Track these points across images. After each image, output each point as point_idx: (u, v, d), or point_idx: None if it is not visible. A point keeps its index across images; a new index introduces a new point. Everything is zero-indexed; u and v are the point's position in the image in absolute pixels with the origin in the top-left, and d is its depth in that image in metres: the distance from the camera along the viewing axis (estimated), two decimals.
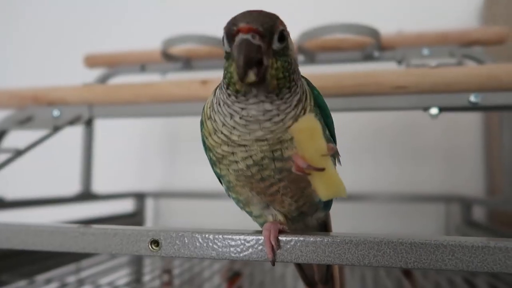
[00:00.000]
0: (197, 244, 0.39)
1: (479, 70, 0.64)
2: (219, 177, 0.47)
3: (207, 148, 0.45)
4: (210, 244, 0.39)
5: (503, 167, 0.91)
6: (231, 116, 0.40)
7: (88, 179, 1.09)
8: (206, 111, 0.44)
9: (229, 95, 0.40)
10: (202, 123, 0.45)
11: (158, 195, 1.36)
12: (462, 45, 0.93)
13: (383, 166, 1.27)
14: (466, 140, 1.25)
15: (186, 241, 0.39)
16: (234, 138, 0.41)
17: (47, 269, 0.87)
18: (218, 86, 0.44)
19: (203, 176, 1.35)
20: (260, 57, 0.37)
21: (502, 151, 0.90)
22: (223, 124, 0.41)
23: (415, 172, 1.26)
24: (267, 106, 0.39)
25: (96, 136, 1.16)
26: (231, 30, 0.37)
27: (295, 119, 0.40)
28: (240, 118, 0.40)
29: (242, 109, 0.40)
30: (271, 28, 0.38)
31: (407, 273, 0.94)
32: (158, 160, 1.45)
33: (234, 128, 0.41)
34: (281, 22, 0.39)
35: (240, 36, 0.36)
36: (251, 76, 0.36)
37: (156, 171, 1.45)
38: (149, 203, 1.36)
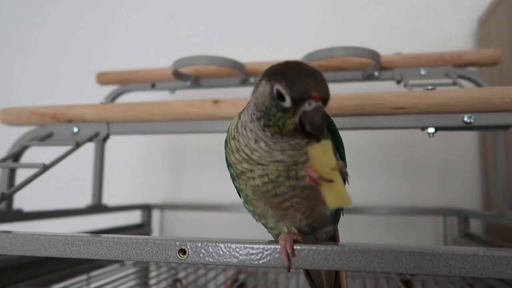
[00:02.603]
0: (221, 252, 0.43)
1: (471, 92, 0.68)
2: (238, 191, 0.51)
3: (229, 165, 0.49)
4: (233, 252, 0.42)
5: (497, 182, 0.95)
6: (256, 141, 0.44)
7: (99, 192, 1.13)
8: (231, 132, 0.48)
9: (264, 130, 0.43)
10: (226, 142, 0.49)
11: (164, 207, 1.40)
12: (458, 66, 0.98)
13: (385, 181, 1.32)
14: (463, 155, 1.30)
15: (211, 250, 0.43)
16: (254, 157, 0.45)
17: (61, 279, 0.91)
18: (243, 111, 0.48)
19: (207, 189, 1.40)
20: (325, 119, 0.42)
21: (496, 167, 0.94)
22: (246, 145, 0.45)
23: (415, 186, 1.31)
24: (298, 140, 0.43)
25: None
26: (302, 96, 0.40)
27: None
28: (266, 145, 0.44)
29: (271, 140, 0.43)
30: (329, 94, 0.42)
31: (407, 283, 0.97)
32: (163, 173, 1.50)
33: (255, 150, 0.44)
34: None
35: (314, 104, 0.40)
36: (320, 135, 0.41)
37: (162, 184, 1.49)
38: (155, 215, 1.40)
